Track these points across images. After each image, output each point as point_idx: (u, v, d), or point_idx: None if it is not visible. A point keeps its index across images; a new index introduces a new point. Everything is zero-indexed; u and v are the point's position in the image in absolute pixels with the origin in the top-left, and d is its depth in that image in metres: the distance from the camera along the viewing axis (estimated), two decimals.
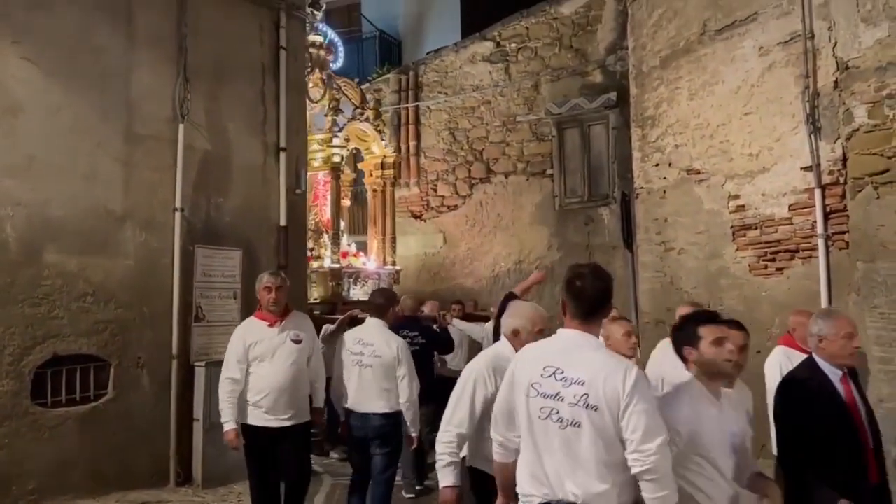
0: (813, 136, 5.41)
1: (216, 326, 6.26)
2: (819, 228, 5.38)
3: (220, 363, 6.04)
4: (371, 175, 10.03)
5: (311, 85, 8.85)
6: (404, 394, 4.45)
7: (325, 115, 9.11)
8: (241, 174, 6.75)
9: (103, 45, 5.70)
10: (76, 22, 5.54)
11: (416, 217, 11.42)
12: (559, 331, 2.49)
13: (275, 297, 4.48)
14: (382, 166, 9.88)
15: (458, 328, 7.43)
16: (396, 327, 4.99)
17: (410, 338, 5.53)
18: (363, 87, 13.76)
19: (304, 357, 4.52)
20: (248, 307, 6.58)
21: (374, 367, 4.47)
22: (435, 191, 11.32)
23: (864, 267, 4.95)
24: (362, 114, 9.59)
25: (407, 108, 11.46)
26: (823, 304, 5.31)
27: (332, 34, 15.22)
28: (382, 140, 9.86)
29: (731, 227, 6.13)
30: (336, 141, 8.95)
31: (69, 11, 5.50)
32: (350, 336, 4.66)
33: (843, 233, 5.27)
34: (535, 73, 10.36)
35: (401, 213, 10.86)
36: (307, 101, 8.50)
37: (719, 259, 6.22)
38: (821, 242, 5.37)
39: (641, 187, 7.08)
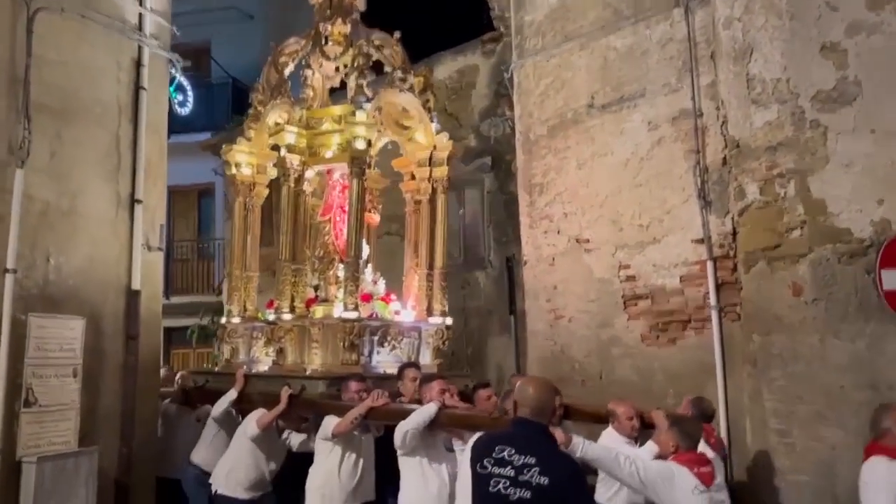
0: (704, 210, 5.55)
1: (50, 412, 5.19)
2: (712, 300, 5.46)
3: (54, 457, 5.05)
4: (413, 178, 6.73)
5: (330, 42, 6.46)
6: None
7: (347, 78, 6.34)
8: (88, 229, 5.81)
9: None
10: None
11: None
12: None
13: None
14: (431, 161, 6.58)
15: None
16: (489, 442, 2.98)
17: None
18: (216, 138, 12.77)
19: None
20: (90, 386, 5.59)
21: None
22: None
23: (760, 339, 5.05)
24: (404, 80, 6.32)
25: None
26: (719, 375, 5.37)
27: (180, 77, 14.21)
28: (433, 122, 6.61)
29: (623, 296, 6.12)
30: (360, 115, 5.91)
31: None
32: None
33: (735, 304, 5.38)
34: None
35: None
36: (324, 61, 6.43)
37: (610, 328, 6.17)
38: (714, 314, 5.45)
39: (530, 254, 6.96)
